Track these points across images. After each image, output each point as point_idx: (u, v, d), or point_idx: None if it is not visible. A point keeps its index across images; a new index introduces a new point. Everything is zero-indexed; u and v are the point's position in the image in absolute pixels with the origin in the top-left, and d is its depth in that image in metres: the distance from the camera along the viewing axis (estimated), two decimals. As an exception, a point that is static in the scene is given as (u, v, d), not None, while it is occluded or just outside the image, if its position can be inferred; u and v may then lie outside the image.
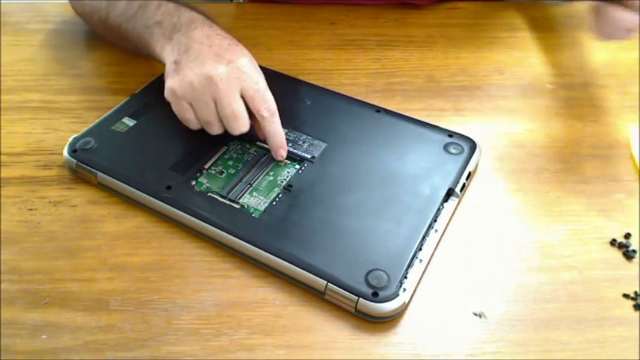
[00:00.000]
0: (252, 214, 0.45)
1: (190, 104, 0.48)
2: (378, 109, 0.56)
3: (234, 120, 0.47)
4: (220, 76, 0.46)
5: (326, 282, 0.41)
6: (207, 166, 0.49)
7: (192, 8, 0.54)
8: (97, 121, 0.53)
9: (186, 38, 0.50)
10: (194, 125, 0.49)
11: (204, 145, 0.50)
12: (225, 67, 0.47)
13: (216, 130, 0.49)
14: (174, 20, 0.51)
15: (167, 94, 0.49)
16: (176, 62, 0.49)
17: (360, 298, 0.40)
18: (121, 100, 0.55)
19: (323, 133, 0.52)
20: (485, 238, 0.47)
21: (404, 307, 0.40)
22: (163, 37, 0.51)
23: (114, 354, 0.38)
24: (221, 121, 0.48)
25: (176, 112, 0.49)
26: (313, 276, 0.41)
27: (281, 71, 0.60)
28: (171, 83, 0.48)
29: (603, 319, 0.41)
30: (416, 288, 0.42)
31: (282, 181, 0.48)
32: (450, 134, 0.53)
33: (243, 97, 0.47)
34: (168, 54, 0.50)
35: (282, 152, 0.49)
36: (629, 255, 0.45)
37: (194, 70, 0.47)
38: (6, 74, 0.62)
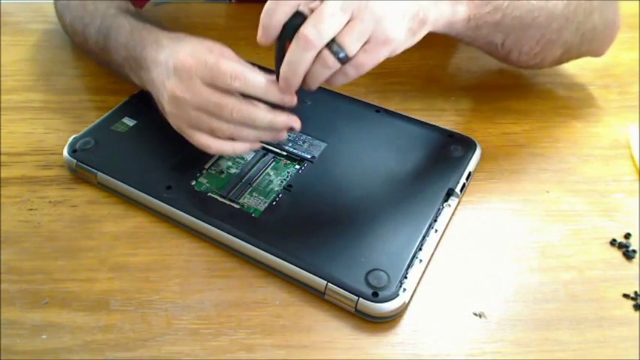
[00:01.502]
0: (252, 214, 0.45)
1: (185, 127, 0.46)
2: (378, 109, 0.56)
3: (220, 109, 0.43)
4: (176, 87, 0.44)
5: (326, 282, 0.41)
6: (207, 166, 0.49)
7: (143, 26, 0.52)
8: (97, 121, 0.53)
9: (147, 72, 0.48)
10: (214, 146, 0.45)
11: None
12: (174, 77, 0.44)
13: (225, 129, 0.44)
14: (132, 54, 0.50)
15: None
16: (157, 101, 0.48)
17: (360, 298, 0.40)
18: (121, 100, 0.55)
19: (323, 133, 0.52)
20: (485, 238, 0.46)
21: (404, 307, 0.40)
22: (137, 76, 0.51)
23: (114, 354, 0.38)
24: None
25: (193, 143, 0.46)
26: (313, 276, 0.41)
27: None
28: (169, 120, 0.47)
29: (603, 319, 0.41)
30: (416, 288, 0.42)
31: (282, 181, 0.48)
32: (450, 134, 0.53)
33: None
34: (151, 92, 0.49)
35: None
36: (629, 255, 0.45)
37: (164, 100, 0.46)
38: (6, 74, 0.62)
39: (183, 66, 0.43)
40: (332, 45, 0.39)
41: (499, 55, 0.55)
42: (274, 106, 0.44)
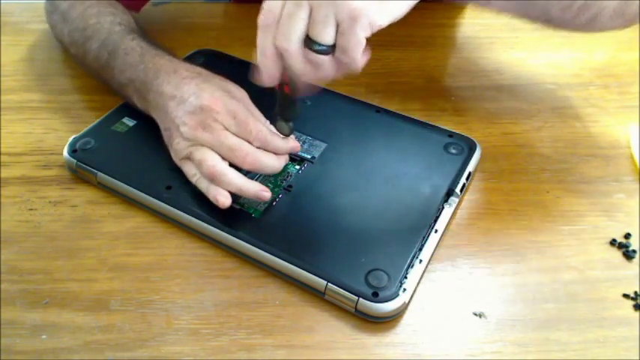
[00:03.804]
0: (252, 214, 0.45)
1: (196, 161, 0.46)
2: (378, 110, 0.56)
3: (232, 152, 0.45)
4: (199, 124, 0.45)
5: (326, 282, 0.41)
6: (207, 166, 0.49)
7: (156, 52, 0.52)
8: (97, 121, 0.53)
9: (160, 98, 0.48)
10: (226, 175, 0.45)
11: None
12: (200, 114, 0.45)
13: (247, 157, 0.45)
14: (142, 77, 0.50)
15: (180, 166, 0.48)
16: (165, 129, 0.48)
17: (360, 298, 0.40)
18: (121, 100, 0.55)
19: (323, 134, 0.52)
20: (485, 238, 0.46)
21: (404, 307, 0.40)
22: (143, 99, 0.50)
23: (114, 354, 0.38)
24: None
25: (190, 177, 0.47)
26: (313, 276, 0.41)
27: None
28: (173, 154, 0.48)
29: (603, 319, 0.41)
30: (416, 288, 0.42)
31: (282, 182, 0.48)
32: (450, 134, 0.53)
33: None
34: (156, 118, 0.49)
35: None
36: (629, 255, 0.45)
37: (179, 132, 0.46)
38: (6, 74, 0.62)
39: (211, 109, 0.45)
40: (308, 42, 0.39)
41: (535, 14, 0.48)
42: None
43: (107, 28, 0.55)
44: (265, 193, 0.44)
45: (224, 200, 0.44)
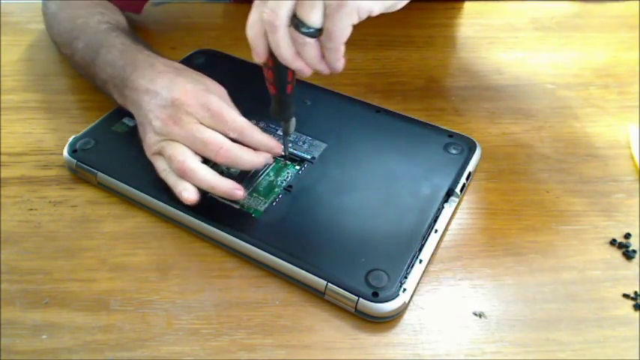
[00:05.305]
0: (252, 214, 0.45)
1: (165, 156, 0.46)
2: (378, 110, 0.56)
3: (205, 146, 0.44)
4: (169, 118, 0.45)
5: (326, 282, 0.41)
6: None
7: (136, 48, 0.52)
8: (97, 121, 0.53)
9: (135, 93, 0.48)
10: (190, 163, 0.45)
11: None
12: (171, 108, 0.45)
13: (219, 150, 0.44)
14: (121, 73, 0.50)
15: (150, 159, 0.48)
16: (140, 124, 0.48)
17: (360, 298, 0.40)
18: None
19: (323, 134, 0.52)
20: (485, 238, 0.46)
21: (404, 307, 0.40)
22: (121, 95, 0.50)
23: (114, 354, 0.38)
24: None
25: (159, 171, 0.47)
26: (313, 276, 0.41)
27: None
28: (146, 149, 0.47)
29: (603, 319, 0.41)
30: (416, 288, 0.42)
31: (282, 182, 0.48)
32: (450, 134, 0.53)
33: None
34: (133, 112, 0.49)
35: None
36: (629, 255, 0.45)
37: (149, 123, 0.46)
38: (6, 74, 0.62)
39: (182, 102, 0.45)
40: (295, 21, 0.38)
41: None
42: None
43: (93, 27, 0.55)
44: (238, 192, 0.44)
45: (188, 195, 0.44)
